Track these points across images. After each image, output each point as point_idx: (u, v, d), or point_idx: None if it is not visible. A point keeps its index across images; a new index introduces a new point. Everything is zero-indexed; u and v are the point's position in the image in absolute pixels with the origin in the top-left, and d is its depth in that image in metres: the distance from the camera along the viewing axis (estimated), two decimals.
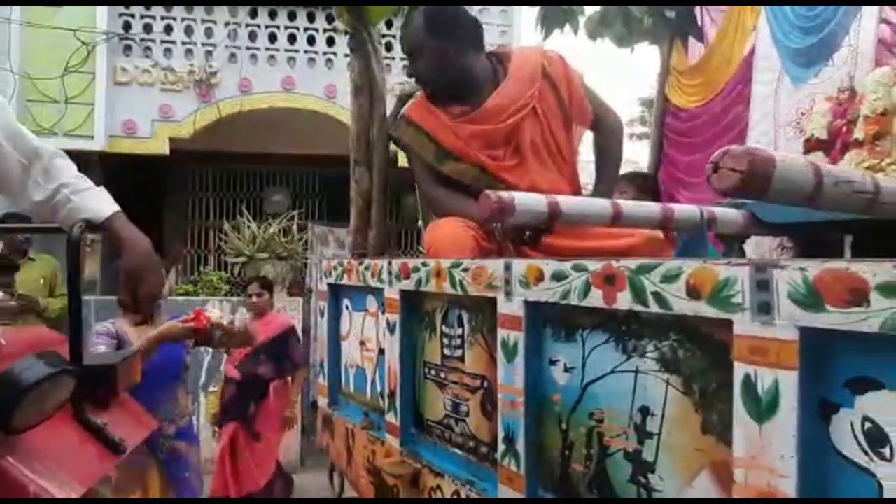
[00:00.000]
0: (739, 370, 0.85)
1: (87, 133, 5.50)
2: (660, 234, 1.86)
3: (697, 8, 2.96)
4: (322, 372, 2.25)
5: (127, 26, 5.70)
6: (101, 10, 5.51)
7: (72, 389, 1.25)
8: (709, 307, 0.89)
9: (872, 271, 0.71)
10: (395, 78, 5.95)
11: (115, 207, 1.35)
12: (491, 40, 5.76)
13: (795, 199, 0.99)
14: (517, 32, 6.09)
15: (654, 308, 0.96)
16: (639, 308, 0.99)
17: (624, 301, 1.02)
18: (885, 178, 1.20)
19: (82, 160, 6.01)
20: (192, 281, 5.64)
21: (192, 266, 6.77)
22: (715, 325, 0.90)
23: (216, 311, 2.28)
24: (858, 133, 2.13)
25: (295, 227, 5.13)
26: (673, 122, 3.03)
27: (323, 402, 2.23)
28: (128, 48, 5.71)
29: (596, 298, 1.07)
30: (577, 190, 2.01)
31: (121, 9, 5.68)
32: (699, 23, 2.97)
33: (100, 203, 1.33)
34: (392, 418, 1.72)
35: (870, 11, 2.23)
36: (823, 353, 0.78)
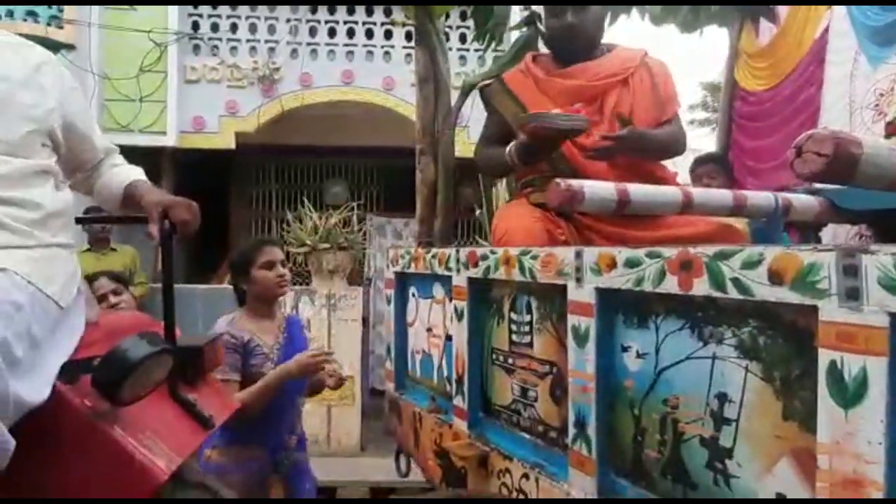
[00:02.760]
0: (825, 356, 0.84)
1: (161, 129, 5.78)
2: (733, 221, 1.83)
3: None
4: (389, 357, 2.32)
5: (195, 26, 5.95)
6: (172, 12, 5.77)
7: (170, 367, 1.36)
8: (792, 293, 0.88)
9: None
10: (451, 67, 6.00)
11: (145, 178, 1.54)
12: None
13: (883, 185, 0.96)
14: None
15: (734, 294, 0.96)
16: (717, 294, 0.99)
17: (701, 287, 1.02)
18: None
19: (156, 155, 6.36)
20: None
21: None
22: (798, 311, 0.89)
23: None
24: None
25: (354, 218, 5.25)
26: (741, 107, 2.93)
27: (390, 386, 2.30)
28: (196, 47, 5.96)
29: (671, 285, 1.07)
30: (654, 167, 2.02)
31: (190, 9, 5.94)
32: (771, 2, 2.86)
33: (136, 174, 1.53)
34: (460, 402, 1.76)
35: None
36: None
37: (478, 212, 4.59)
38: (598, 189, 1.51)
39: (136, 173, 1.54)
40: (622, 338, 1.24)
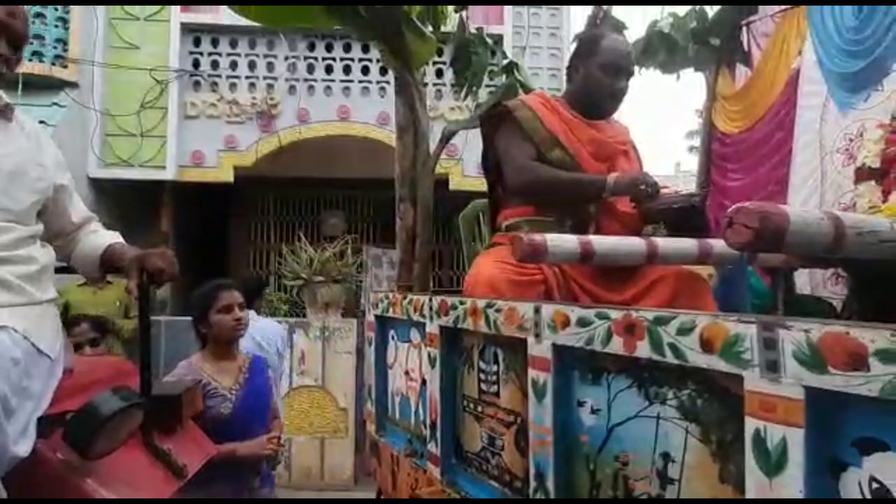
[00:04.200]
0: (750, 424, 0.87)
1: (160, 164, 5.90)
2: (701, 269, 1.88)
3: (743, 33, 2.94)
4: (370, 398, 2.35)
5: (196, 64, 6.10)
6: (174, 50, 5.94)
7: (141, 420, 1.40)
8: (721, 361, 0.92)
9: (871, 337, 0.73)
10: (447, 103, 6.11)
11: (122, 241, 1.59)
12: (541, 84, 5.86)
13: (815, 252, 1.00)
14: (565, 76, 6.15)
15: (671, 359, 1.00)
16: (657, 358, 1.03)
17: (643, 350, 1.06)
18: None
19: (156, 189, 6.44)
20: None
21: None
22: (728, 379, 0.93)
23: None
24: None
25: (349, 251, 5.31)
26: (719, 148, 3.00)
27: (371, 428, 2.32)
28: (197, 84, 6.11)
29: (617, 346, 1.11)
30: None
31: (191, 47, 6.10)
32: (745, 48, 2.94)
33: (113, 237, 1.59)
34: (433, 448, 1.79)
35: None
36: (829, 413, 0.80)
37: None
38: (561, 242, 1.56)
39: (113, 238, 1.60)
40: (578, 393, 1.27)
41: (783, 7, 2.70)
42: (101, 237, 1.57)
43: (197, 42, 6.12)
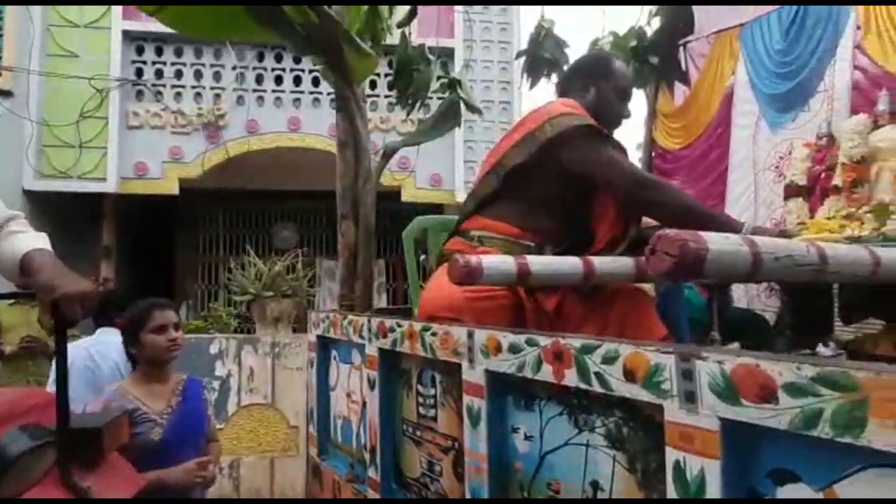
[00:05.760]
0: (671, 455, 0.87)
1: (100, 176, 5.68)
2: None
3: (681, 53, 3.03)
4: (311, 421, 2.29)
5: (139, 73, 5.92)
6: (115, 58, 5.74)
7: (54, 459, 1.31)
8: (643, 391, 0.92)
9: (779, 370, 0.74)
10: (399, 115, 6.09)
11: (45, 246, 1.43)
12: (492, 97, 5.89)
13: (735, 278, 1.01)
14: (516, 89, 6.23)
15: (598, 388, 1.00)
16: (584, 387, 1.03)
17: (571, 378, 1.05)
18: (833, 245, 1.22)
19: (96, 202, 6.19)
20: (203, 316, 5.74)
21: (202, 301, 6.88)
22: (650, 408, 0.93)
23: None
24: (837, 180, 2.15)
25: (300, 265, 5.21)
26: (660, 164, 3.08)
27: (313, 451, 2.26)
28: (140, 93, 5.92)
29: (547, 374, 1.10)
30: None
31: (134, 56, 5.91)
32: (683, 67, 3.03)
33: (34, 241, 1.43)
34: (373, 473, 1.75)
35: (843, 58, 2.27)
36: (745, 444, 0.81)
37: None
38: (497, 263, 1.55)
39: (35, 241, 1.47)
40: (512, 420, 1.26)
41: (718, 28, 2.80)
42: (20, 241, 1.42)
43: (140, 50, 5.93)
